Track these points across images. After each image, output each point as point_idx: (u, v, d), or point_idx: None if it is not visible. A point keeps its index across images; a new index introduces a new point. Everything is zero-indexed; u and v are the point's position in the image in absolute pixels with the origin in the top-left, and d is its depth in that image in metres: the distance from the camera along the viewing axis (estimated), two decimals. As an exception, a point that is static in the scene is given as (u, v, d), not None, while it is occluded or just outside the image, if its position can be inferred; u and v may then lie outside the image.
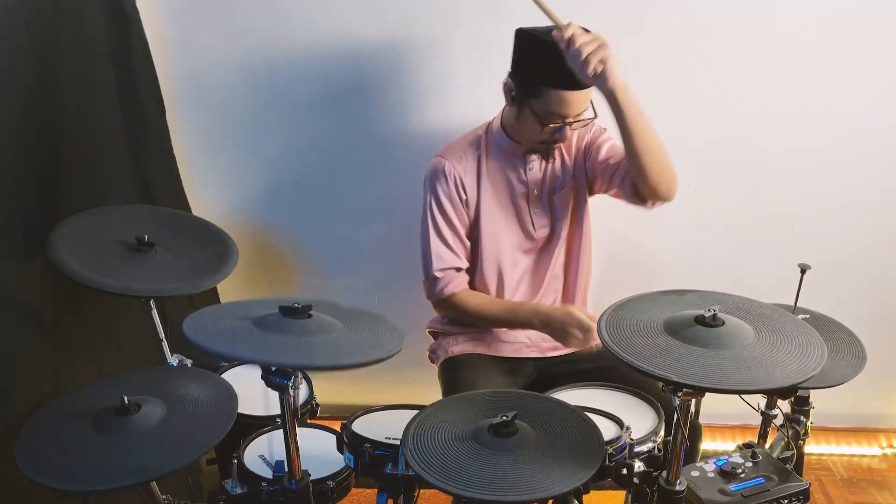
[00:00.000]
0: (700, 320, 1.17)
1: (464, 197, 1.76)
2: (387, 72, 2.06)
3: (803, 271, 1.48)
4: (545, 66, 1.57)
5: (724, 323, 1.16)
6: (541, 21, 1.58)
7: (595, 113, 1.65)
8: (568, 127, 1.65)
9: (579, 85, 1.56)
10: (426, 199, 1.78)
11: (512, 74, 1.67)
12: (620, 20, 1.93)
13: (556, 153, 1.77)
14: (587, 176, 1.81)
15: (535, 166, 1.78)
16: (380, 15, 2.00)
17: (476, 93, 2.06)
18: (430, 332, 1.97)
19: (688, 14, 1.98)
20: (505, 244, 1.81)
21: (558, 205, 1.81)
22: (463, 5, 1.99)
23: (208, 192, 2.21)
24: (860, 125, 2.08)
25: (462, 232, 1.78)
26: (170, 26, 1.99)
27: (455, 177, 1.75)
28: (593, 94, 1.61)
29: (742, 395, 1.32)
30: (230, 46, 2.05)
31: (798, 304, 1.51)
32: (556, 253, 1.84)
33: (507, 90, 1.69)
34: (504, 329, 1.86)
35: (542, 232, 1.82)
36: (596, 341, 1.63)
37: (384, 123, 2.12)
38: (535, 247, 1.84)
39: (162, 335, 1.61)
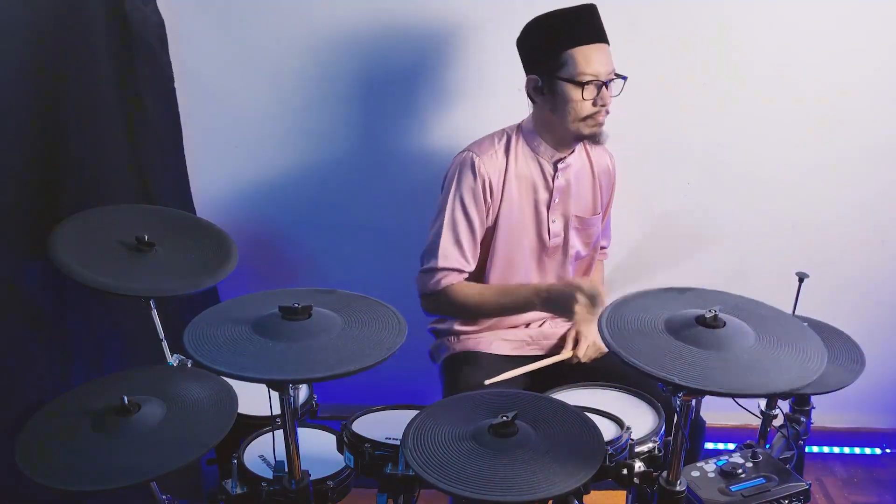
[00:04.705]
0: (701, 321, 1.16)
1: (489, 200, 1.73)
2: (388, 72, 2.06)
3: (801, 280, 1.47)
4: (557, 34, 1.60)
5: (724, 324, 1.16)
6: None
7: (623, 76, 1.67)
8: (606, 89, 1.64)
9: (595, 37, 1.61)
10: (448, 192, 1.74)
11: (531, 69, 1.69)
12: (621, 21, 1.93)
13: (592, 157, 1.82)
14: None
15: (563, 176, 1.77)
16: (381, 14, 2.00)
17: (477, 94, 2.07)
18: (431, 331, 1.97)
19: (688, 15, 1.98)
20: (519, 249, 1.80)
21: (574, 218, 1.82)
22: (463, 4, 1.99)
23: (209, 192, 2.21)
24: (860, 129, 2.08)
25: (478, 233, 1.75)
26: (170, 26, 1.99)
27: (484, 176, 1.71)
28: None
29: (740, 400, 1.32)
30: (231, 46, 2.05)
31: (796, 312, 1.50)
32: (567, 261, 1.85)
33: (532, 84, 1.69)
34: (505, 327, 1.86)
35: (555, 241, 1.82)
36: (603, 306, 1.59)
37: (385, 122, 2.12)
38: (547, 253, 1.83)
39: (162, 335, 1.61)
